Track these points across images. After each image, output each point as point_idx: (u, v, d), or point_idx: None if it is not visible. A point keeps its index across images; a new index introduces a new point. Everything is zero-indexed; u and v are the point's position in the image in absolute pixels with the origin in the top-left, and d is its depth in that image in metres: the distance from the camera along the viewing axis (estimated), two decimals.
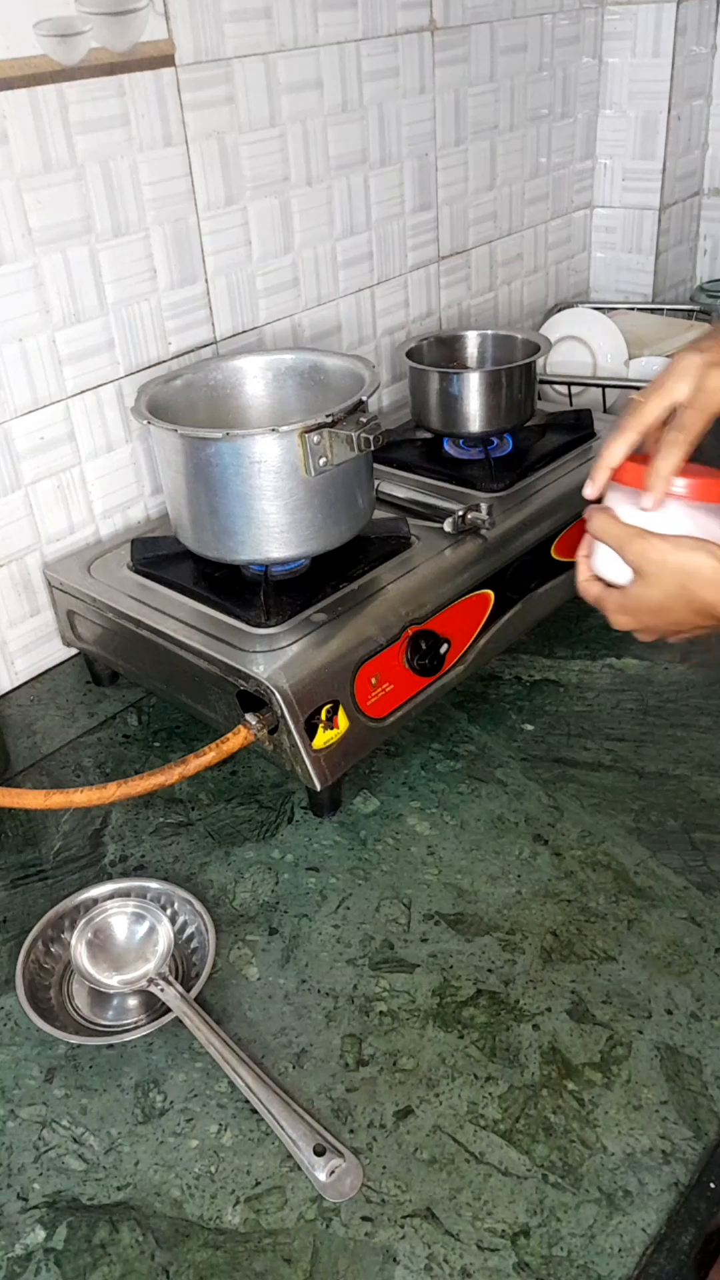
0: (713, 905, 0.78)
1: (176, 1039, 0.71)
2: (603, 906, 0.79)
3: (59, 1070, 0.71)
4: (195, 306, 1.12)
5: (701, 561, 0.69)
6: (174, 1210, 0.62)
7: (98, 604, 0.97)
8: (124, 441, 1.10)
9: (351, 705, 0.85)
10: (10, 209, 0.93)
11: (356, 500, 0.92)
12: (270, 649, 0.85)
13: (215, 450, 0.86)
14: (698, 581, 0.70)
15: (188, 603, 0.93)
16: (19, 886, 0.85)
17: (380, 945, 0.77)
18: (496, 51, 1.38)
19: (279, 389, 1.03)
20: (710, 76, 1.64)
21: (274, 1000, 0.74)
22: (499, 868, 0.83)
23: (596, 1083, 0.67)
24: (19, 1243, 0.61)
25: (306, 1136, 0.64)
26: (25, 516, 1.04)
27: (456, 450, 1.15)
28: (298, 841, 0.87)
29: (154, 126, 1.01)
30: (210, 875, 0.84)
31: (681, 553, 0.70)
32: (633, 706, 0.99)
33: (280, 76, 1.11)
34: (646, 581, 0.72)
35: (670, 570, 0.70)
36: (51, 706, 1.06)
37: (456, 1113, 0.66)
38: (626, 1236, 0.59)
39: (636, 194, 1.65)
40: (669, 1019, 0.71)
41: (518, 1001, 0.72)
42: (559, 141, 1.57)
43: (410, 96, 1.28)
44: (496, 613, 0.98)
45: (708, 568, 0.69)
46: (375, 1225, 0.60)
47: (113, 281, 1.03)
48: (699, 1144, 0.63)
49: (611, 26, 1.55)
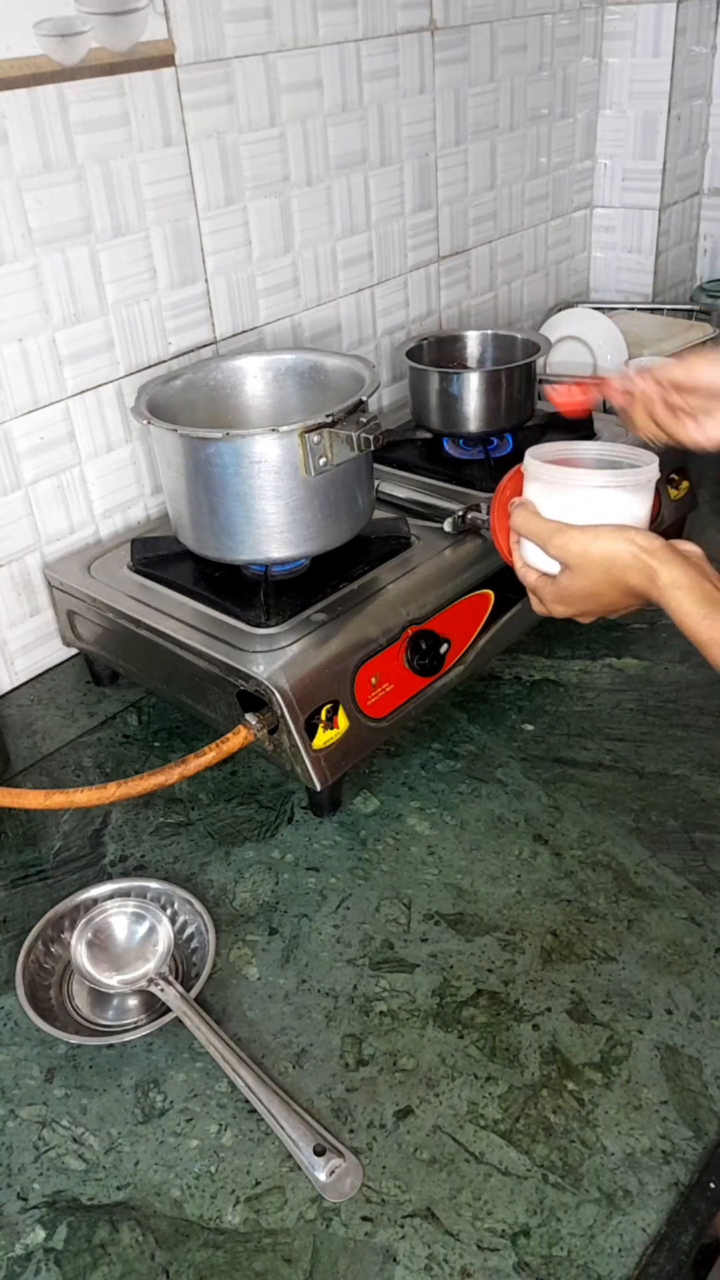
0: (713, 905, 0.78)
1: (176, 1039, 0.71)
2: (603, 906, 0.79)
3: (59, 1070, 0.71)
4: (195, 306, 1.12)
5: (620, 549, 0.72)
6: (174, 1210, 0.62)
7: (98, 604, 0.97)
8: (124, 441, 1.10)
9: (351, 705, 0.85)
10: (10, 209, 0.93)
11: (356, 500, 0.92)
12: (270, 649, 0.85)
13: (215, 450, 0.85)
14: (620, 568, 0.73)
15: (188, 603, 0.93)
16: (19, 886, 0.85)
17: (380, 945, 0.77)
18: (496, 51, 1.38)
19: (279, 389, 1.03)
20: (710, 76, 1.64)
21: (274, 1000, 0.74)
22: (499, 868, 0.83)
23: (596, 1083, 0.67)
24: (19, 1243, 0.61)
25: (306, 1136, 0.64)
26: (25, 516, 1.04)
27: (456, 450, 1.15)
28: (298, 841, 0.87)
29: (154, 126, 1.01)
30: (210, 875, 0.84)
31: (600, 543, 0.73)
32: (633, 706, 0.99)
33: (280, 76, 1.11)
34: (574, 573, 0.75)
35: (593, 561, 0.74)
36: (51, 706, 1.06)
37: (456, 1113, 0.66)
38: (626, 1236, 0.59)
39: (636, 194, 1.65)
40: (669, 1019, 0.71)
41: (518, 1001, 0.72)
42: (559, 141, 1.57)
43: (410, 96, 1.28)
44: (496, 613, 0.98)
45: (627, 554, 0.72)
46: (375, 1225, 0.60)
47: (113, 281, 1.03)
48: (699, 1144, 0.63)
49: (611, 26, 1.55)
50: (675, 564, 0.71)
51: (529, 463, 0.78)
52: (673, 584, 0.70)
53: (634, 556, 0.72)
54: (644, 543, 0.72)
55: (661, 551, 0.71)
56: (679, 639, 0.71)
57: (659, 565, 0.71)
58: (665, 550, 0.71)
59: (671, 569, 0.70)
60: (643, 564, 0.71)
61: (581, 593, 0.76)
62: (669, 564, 0.71)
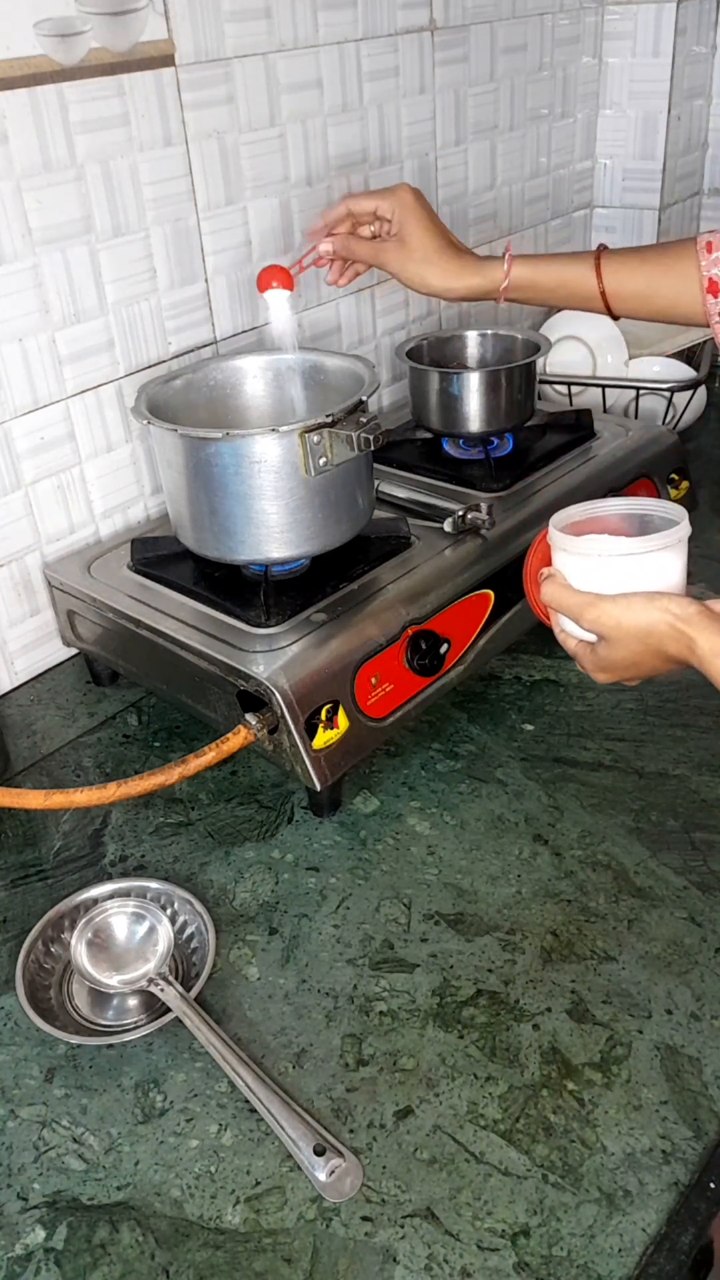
0: (713, 905, 0.78)
1: (176, 1039, 0.71)
2: (603, 906, 0.79)
3: (59, 1070, 0.71)
4: (195, 306, 1.12)
5: (655, 619, 0.70)
6: (174, 1210, 0.62)
7: (98, 604, 0.97)
8: (124, 441, 1.10)
9: (351, 705, 0.85)
10: (10, 209, 0.93)
11: (356, 500, 0.92)
12: (270, 649, 0.85)
13: (215, 450, 0.86)
14: (657, 638, 0.71)
15: (188, 603, 0.93)
16: (19, 886, 0.85)
17: (380, 945, 0.77)
18: (496, 51, 1.38)
19: (279, 389, 1.04)
20: (710, 76, 1.65)
21: (274, 1000, 0.74)
22: (499, 868, 0.83)
23: (596, 1083, 0.67)
24: (19, 1243, 0.61)
25: (306, 1136, 0.64)
26: (25, 516, 1.04)
27: (456, 450, 1.15)
28: (298, 841, 0.87)
29: (154, 126, 1.01)
30: (210, 875, 0.84)
31: (633, 614, 0.71)
32: (633, 706, 0.99)
33: (280, 76, 1.11)
34: (611, 645, 0.74)
35: (628, 633, 0.72)
36: (51, 706, 1.06)
37: (456, 1113, 0.66)
38: (626, 1236, 0.59)
39: (636, 194, 1.65)
40: (669, 1019, 0.71)
41: (518, 1001, 0.72)
42: (559, 141, 1.57)
43: (410, 96, 1.28)
44: (496, 613, 0.98)
45: (662, 624, 0.70)
46: (375, 1225, 0.60)
47: (113, 281, 1.03)
48: (699, 1144, 0.63)
49: (611, 26, 1.55)
50: (713, 630, 0.68)
51: (553, 534, 0.76)
52: (713, 652, 0.68)
53: (669, 626, 0.69)
54: (678, 610, 0.69)
55: (697, 619, 0.69)
56: None
57: (696, 634, 0.68)
58: (701, 617, 0.69)
59: (710, 636, 0.68)
60: (679, 633, 0.69)
61: (620, 663, 0.74)
62: (706, 631, 0.68)
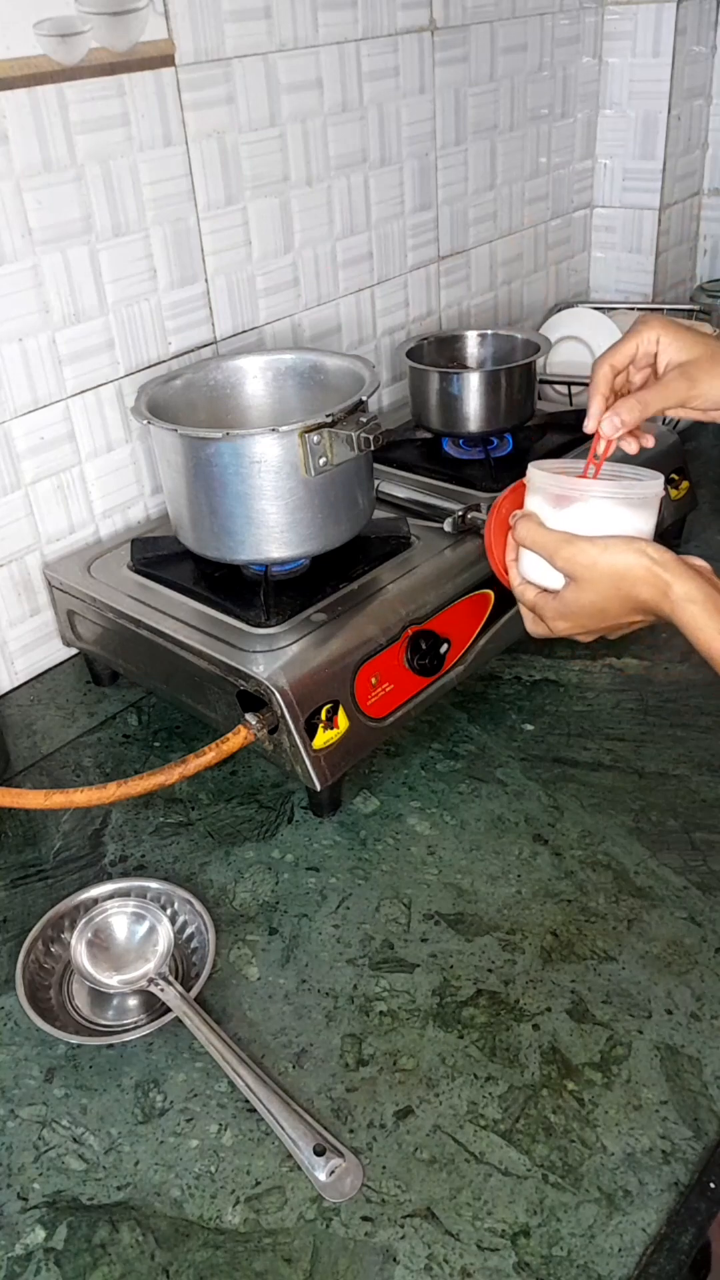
0: (713, 905, 0.78)
1: (176, 1039, 0.71)
2: (603, 906, 0.79)
3: (59, 1070, 0.71)
4: (195, 306, 1.12)
5: (633, 561, 0.70)
6: (174, 1210, 0.62)
7: (98, 604, 0.97)
8: (124, 441, 1.10)
9: (351, 705, 0.85)
10: (10, 209, 0.93)
11: (356, 500, 0.92)
12: (270, 649, 0.85)
13: (215, 450, 0.86)
14: (630, 581, 0.71)
15: (188, 603, 0.93)
16: (19, 886, 0.85)
17: (380, 945, 0.77)
18: (496, 51, 1.38)
19: (279, 389, 1.03)
20: (710, 76, 1.64)
21: (274, 1000, 0.74)
22: (499, 868, 0.83)
23: (596, 1083, 0.67)
24: (19, 1243, 0.61)
25: (306, 1136, 0.64)
26: (25, 516, 1.04)
27: (456, 450, 1.15)
28: (298, 841, 0.87)
29: (154, 126, 1.01)
30: (210, 875, 0.84)
31: (611, 554, 0.71)
32: (633, 706, 0.99)
33: (280, 76, 1.11)
34: (580, 586, 0.73)
35: (602, 573, 0.71)
36: (51, 706, 1.06)
37: (456, 1113, 0.66)
38: (626, 1236, 0.59)
39: (636, 194, 1.65)
40: (669, 1019, 0.71)
41: (518, 1001, 0.72)
42: (559, 141, 1.57)
43: (410, 96, 1.28)
44: (496, 613, 0.98)
45: (639, 567, 0.70)
46: (375, 1225, 0.60)
47: (113, 281, 1.03)
48: (699, 1144, 0.63)
49: (611, 26, 1.55)
50: (689, 578, 0.69)
51: (533, 474, 0.77)
52: (687, 598, 0.68)
53: (646, 569, 0.70)
54: (656, 555, 0.70)
55: (674, 565, 0.70)
56: (679, 639, 0.71)
57: (673, 579, 0.69)
58: (678, 564, 0.70)
59: (685, 583, 0.69)
60: (655, 577, 0.69)
61: (587, 608, 0.74)
62: (683, 578, 0.69)
